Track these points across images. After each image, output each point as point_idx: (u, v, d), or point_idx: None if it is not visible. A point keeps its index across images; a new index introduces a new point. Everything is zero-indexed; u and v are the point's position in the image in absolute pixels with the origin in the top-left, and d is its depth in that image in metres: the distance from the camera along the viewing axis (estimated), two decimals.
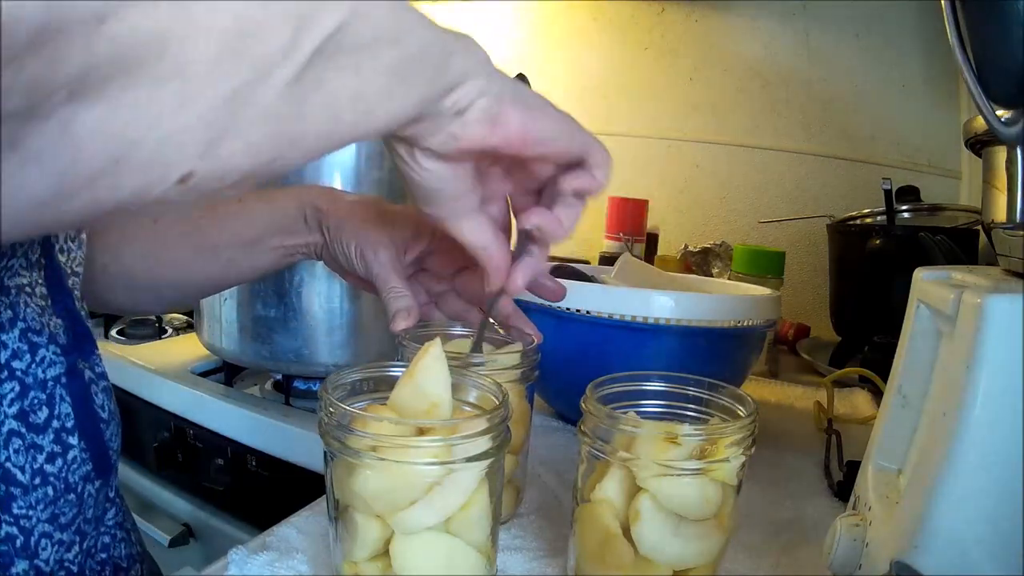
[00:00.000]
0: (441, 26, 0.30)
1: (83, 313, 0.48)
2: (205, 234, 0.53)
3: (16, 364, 0.41)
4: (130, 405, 0.91)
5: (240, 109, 0.23)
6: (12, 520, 0.40)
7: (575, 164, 0.38)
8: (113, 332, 1.06)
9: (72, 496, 0.43)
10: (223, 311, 0.81)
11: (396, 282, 0.47)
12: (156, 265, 0.54)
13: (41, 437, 0.41)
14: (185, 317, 1.15)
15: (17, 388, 0.40)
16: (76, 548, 0.44)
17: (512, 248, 0.42)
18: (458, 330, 0.49)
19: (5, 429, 0.40)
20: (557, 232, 0.40)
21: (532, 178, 0.40)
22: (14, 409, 0.40)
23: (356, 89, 0.27)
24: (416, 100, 0.30)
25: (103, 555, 0.48)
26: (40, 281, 0.44)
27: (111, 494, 0.50)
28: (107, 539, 0.49)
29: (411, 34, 0.28)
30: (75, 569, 0.44)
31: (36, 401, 0.41)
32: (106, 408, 0.48)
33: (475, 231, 0.39)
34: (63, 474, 0.43)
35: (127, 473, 0.94)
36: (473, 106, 0.32)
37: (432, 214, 0.38)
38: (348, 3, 0.25)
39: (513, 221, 0.43)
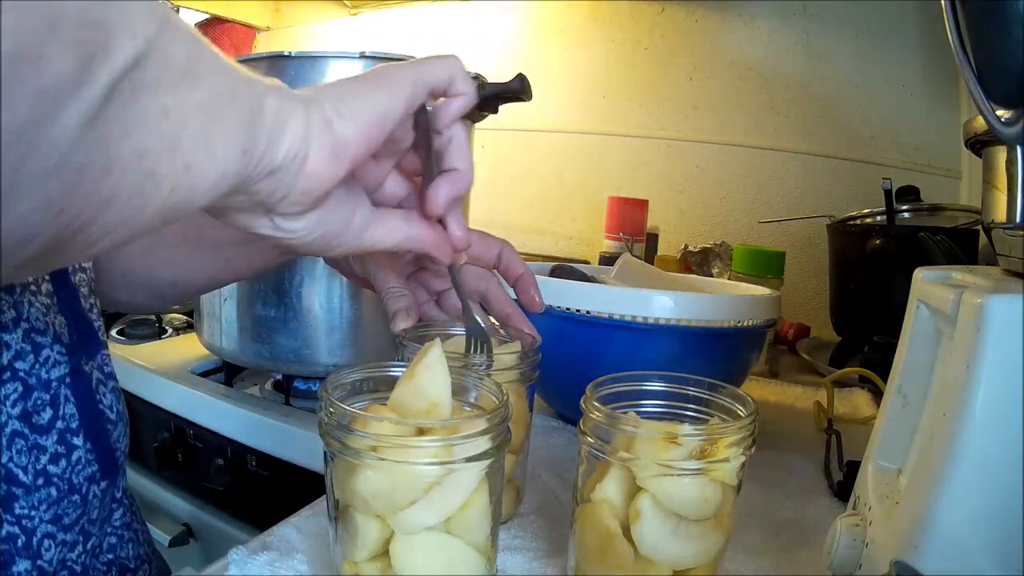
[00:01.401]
0: (239, 65, 0.28)
1: (93, 311, 0.48)
2: (203, 233, 0.52)
3: (19, 364, 0.40)
4: (130, 405, 0.91)
5: (31, 154, 0.20)
6: (14, 520, 0.40)
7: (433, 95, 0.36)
8: (113, 332, 1.06)
9: (76, 497, 0.43)
10: (223, 311, 0.81)
11: (395, 281, 0.47)
12: (155, 264, 0.54)
13: (44, 438, 0.41)
14: (185, 317, 1.15)
15: (20, 389, 0.40)
16: (80, 548, 0.44)
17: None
18: (458, 330, 0.49)
19: (8, 430, 0.40)
20: (466, 180, 0.38)
21: (397, 140, 0.37)
22: (17, 410, 0.40)
23: (167, 134, 0.24)
24: (237, 150, 0.27)
25: (109, 555, 0.48)
26: (45, 278, 0.44)
27: (118, 495, 0.50)
28: (114, 539, 0.49)
29: (216, 72, 0.26)
30: (78, 569, 0.44)
31: (40, 402, 0.41)
32: (114, 409, 0.48)
33: (388, 233, 0.37)
34: (67, 475, 0.42)
35: (127, 473, 0.94)
36: (308, 153, 0.30)
37: (339, 256, 0.37)
38: (142, 34, 0.22)
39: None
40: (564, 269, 0.75)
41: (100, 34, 0.21)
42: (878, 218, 0.92)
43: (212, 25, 1.73)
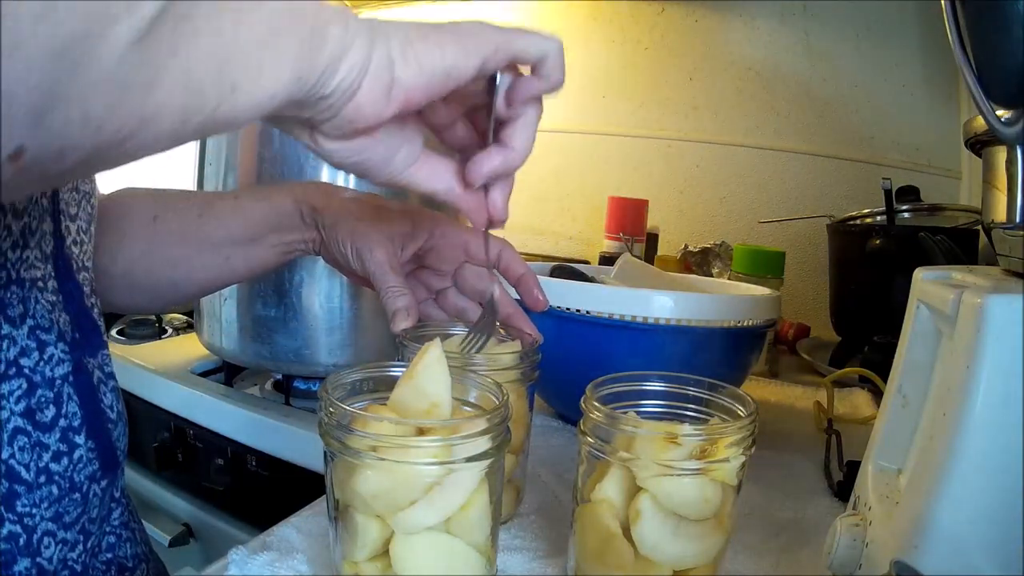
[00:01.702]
0: None
1: (94, 310, 0.48)
2: (203, 233, 0.53)
3: (24, 361, 0.40)
4: (130, 405, 0.91)
5: (74, 70, 0.20)
6: (16, 518, 0.40)
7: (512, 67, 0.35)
8: (113, 332, 1.06)
9: (77, 495, 0.43)
10: (223, 311, 0.81)
11: (394, 281, 0.47)
12: (155, 265, 0.54)
13: (47, 435, 0.41)
14: (185, 317, 1.15)
15: (24, 385, 0.40)
16: (80, 547, 0.44)
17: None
18: (458, 329, 0.49)
19: (11, 426, 0.39)
20: (515, 162, 0.37)
21: (469, 95, 0.36)
22: (21, 407, 0.40)
23: (218, 55, 0.23)
24: (290, 75, 0.27)
25: (108, 555, 0.48)
26: (52, 274, 0.44)
27: (117, 494, 0.50)
28: (112, 539, 0.49)
29: None
30: (79, 568, 0.44)
31: (43, 399, 0.41)
32: (115, 408, 0.48)
33: (430, 178, 0.36)
34: (68, 473, 0.42)
35: (127, 473, 0.94)
36: (361, 85, 0.29)
37: (377, 181, 0.36)
38: None
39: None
40: (564, 269, 0.75)
41: None
42: (878, 218, 0.92)
43: None
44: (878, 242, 0.83)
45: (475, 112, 0.38)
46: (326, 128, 0.31)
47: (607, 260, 1.04)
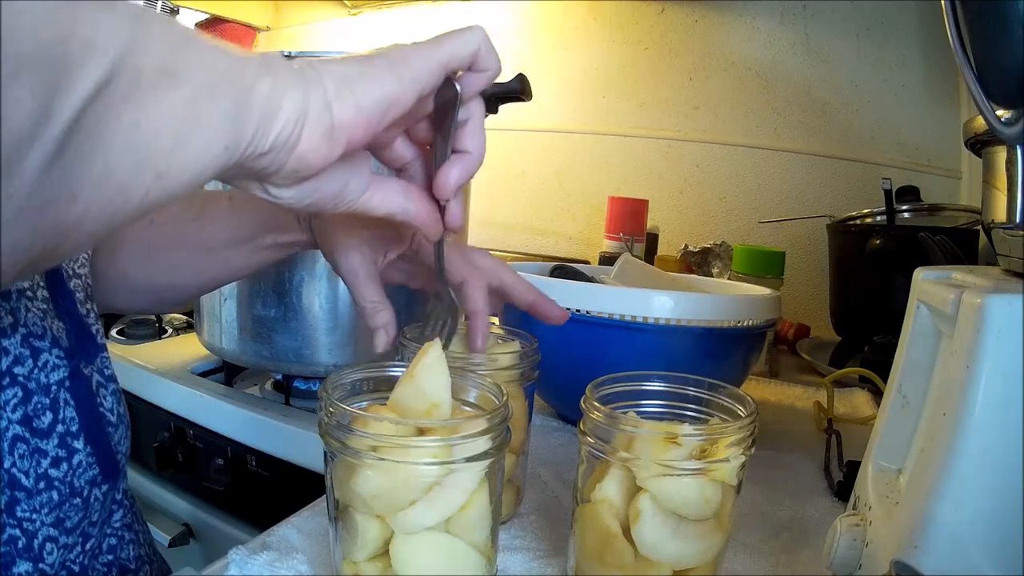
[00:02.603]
0: (235, 50, 0.27)
1: (90, 315, 0.48)
2: (199, 236, 0.52)
3: (18, 369, 0.40)
4: (130, 405, 0.91)
5: None
6: (15, 523, 0.40)
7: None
8: (113, 332, 1.06)
9: (78, 500, 0.43)
10: (223, 311, 0.81)
11: (370, 294, 0.46)
12: (153, 268, 0.54)
13: (45, 442, 0.41)
14: (185, 317, 1.15)
15: (20, 393, 0.40)
16: (78, 549, 0.44)
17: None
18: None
19: (9, 435, 0.39)
20: (475, 165, 0.37)
21: (410, 114, 0.35)
22: (18, 414, 0.40)
23: (137, 151, 0.23)
24: (218, 148, 0.26)
25: (109, 556, 0.48)
26: (41, 284, 0.44)
27: (119, 496, 0.49)
28: (114, 540, 0.49)
29: (198, 67, 0.25)
30: (76, 569, 0.44)
31: (40, 406, 0.41)
32: (115, 412, 0.48)
33: (383, 202, 0.36)
34: (68, 478, 0.42)
35: (127, 473, 0.94)
36: (301, 136, 0.29)
37: (333, 214, 0.36)
38: (111, 51, 0.21)
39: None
40: (564, 269, 0.75)
41: (63, 67, 0.20)
42: (878, 218, 0.92)
43: (212, 25, 1.73)
44: (878, 242, 0.83)
45: (414, 125, 0.38)
46: (273, 180, 0.31)
47: (607, 260, 1.04)
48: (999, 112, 0.32)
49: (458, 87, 0.35)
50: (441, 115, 0.36)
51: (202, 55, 0.25)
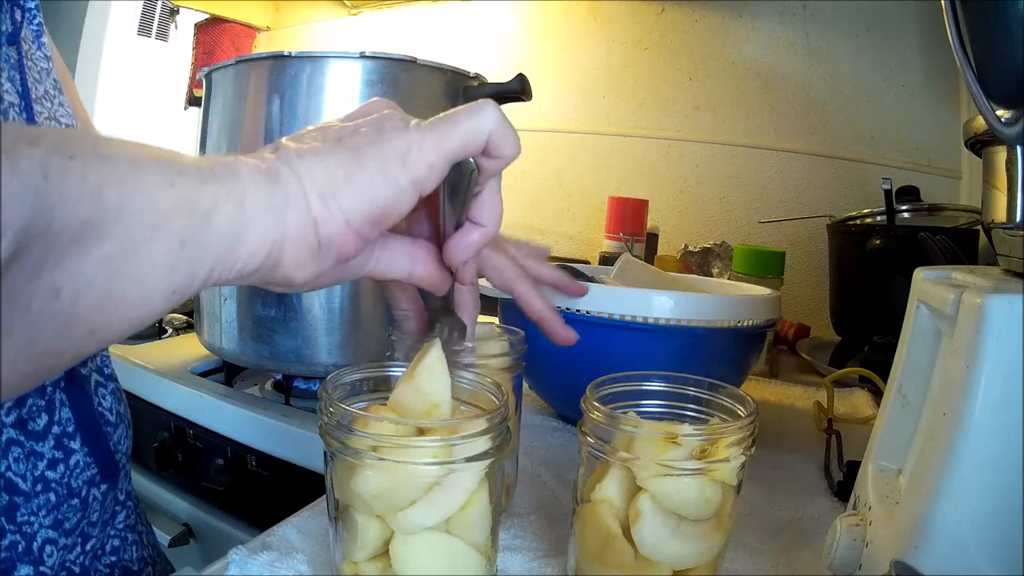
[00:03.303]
0: (193, 169, 0.24)
1: None
2: None
3: None
4: (130, 405, 0.91)
5: None
6: (15, 528, 0.40)
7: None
8: None
9: (76, 501, 0.43)
10: (223, 311, 0.81)
11: (404, 302, 0.44)
12: None
13: (41, 444, 0.41)
14: (185, 317, 1.15)
15: (13, 396, 0.40)
16: (78, 550, 0.44)
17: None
18: None
19: (4, 438, 0.39)
20: (489, 236, 0.35)
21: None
22: (12, 418, 0.40)
23: (60, 313, 0.21)
24: (165, 291, 0.23)
25: (112, 558, 0.48)
26: None
27: (121, 497, 0.49)
28: (117, 542, 0.49)
29: (131, 211, 0.22)
30: (77, 570, 0.44)
31: (34, 408, 0.41)
32: (114, 411, 0.48)
33: (389, 267, 0.34)
34: (65, 479, 0.42)
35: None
36: (282, 258, 0.26)
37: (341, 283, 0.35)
38: (18, 216, 0.19)
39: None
40: (564, 269, 0.75)
41: None
42: (878, 218, 0.92)
43: (212, 25, 1.73)
44: (878, 242, 0.83)
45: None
46: (268, 287, 0.29)
47: (607, 260, 1.04)
48: (999, 112, 0.32)
49: (473, 164, 0.32)
50: (454, 186, 0.33)
51: (141, 192, 0.22)
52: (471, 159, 0.32)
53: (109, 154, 0.22)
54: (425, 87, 0.79)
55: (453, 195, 0.34)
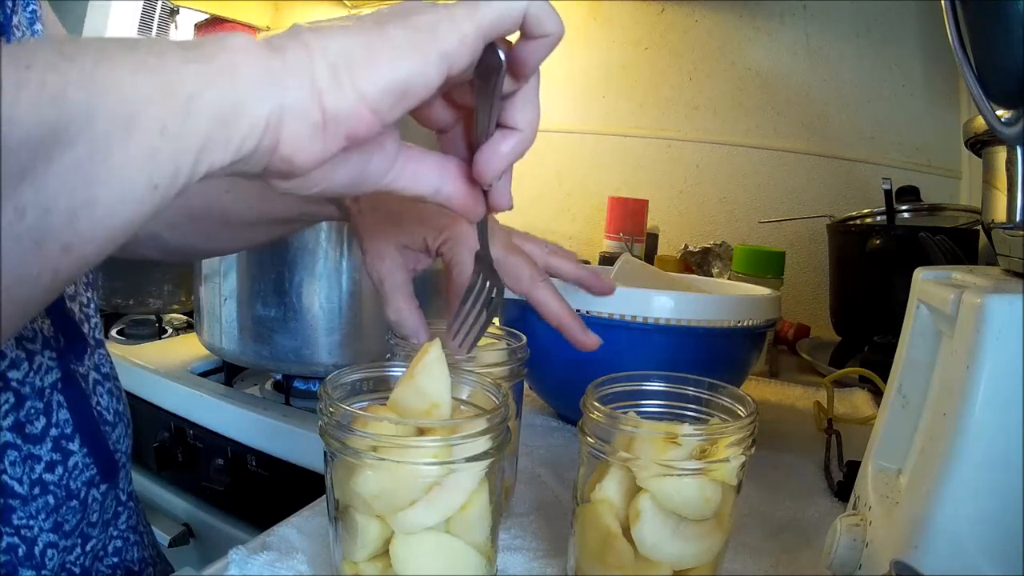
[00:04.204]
0: (176, 51, 0.22)
1: (82, 312, 0.48)
2: (230, 212, 0.51)
3: (13, 374, 0.40)
4: (130, 405, 0.91)
5: None
6: (13, 531, 0.39)
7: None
8: (113, 332, 1.06)
9: (75, 502, 0.43)
10: (223, 311, 0.81)
11: (398, 302, 0.44)
12: (184, 233, 0.53)
13: (39, 447, 0.41)
14: (185, 317, 1.15)
15: (12, 399, 0.39)
16: (78, 551, 0.44)
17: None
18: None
19: (0, 441, 0.39)
20: (525, 145, 0.31)
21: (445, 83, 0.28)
22: (9, 421, 0.39)
23: (24, 235, 0.20)
24: (144, 187, 0.22)
25: (114, 559, 0.48)
26: None
27: (123, 497, 0.49)
28: (119, 543, 0.48)
29: (100, 109, 0.20)
30: (77, 571, 0.44)
31: (32, 411, 0.41)
32: (111, 410, 0.48)
33: (414, 182, 0.31)
34: (64, 481, 0.42)
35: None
36: (280, 137, 0.24)
37: (353, 197, 0.33)
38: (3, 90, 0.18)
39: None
40: None
41: None
42: (878, 218, 0.92)
43: (212, 25, 1.73)
44: (878, 242, 0.83)
45: (453, 88, 0.31)
46: (265, 176, 0.26)
47: (607, 260, 1.04)
48: (999, 112, 0.32)
49: (502, 56, 0.28)
50: (484, 82, 0.29)
51: (111, 86, 0.21)
52: (500, 53, 0.28)
53: (74, 54, 0.20)
54: None
55: (483, 96, 0.30)
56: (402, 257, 0.45)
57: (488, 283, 0.39)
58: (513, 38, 0.29)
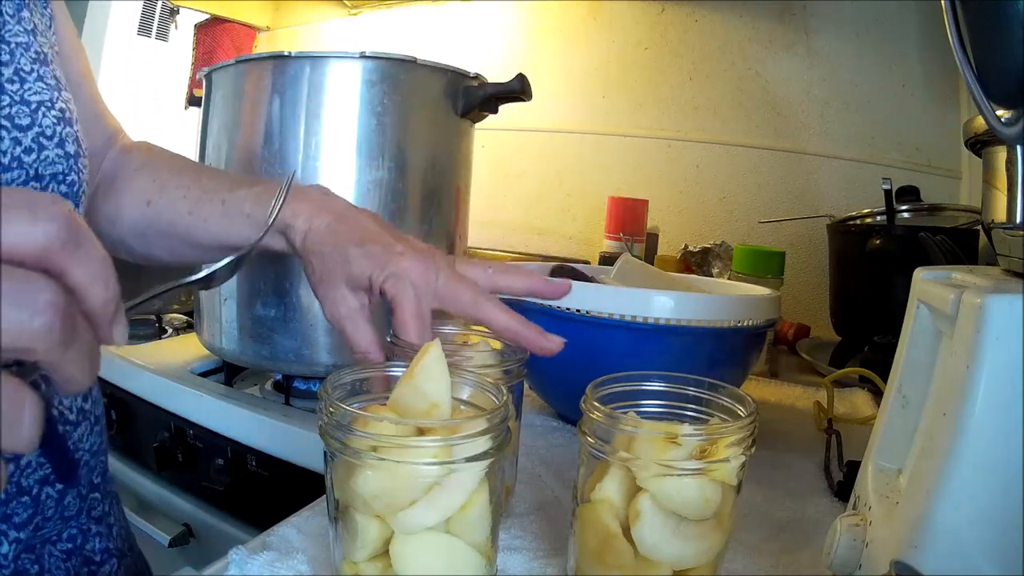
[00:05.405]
0: None
1: None
2: (191, 233, 0.52)
3: None
4: (130, 405, 0.91)
5: None
6: None
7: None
8: None
9: (26, 499, 0.42)
10: (223, 311, 0.81)
11: (361, 341, 0.45)
12: (149, 245, 0.55)
13: None
14: (185, 317, 1.15)
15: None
16: (32, 540, 0.43)
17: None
18: (448, 329, 0.49)
19: None
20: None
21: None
22: None
23: None
24: None
25: (68, 545, 0.47)
26: None
27: (84, 491, 0.48)
28: (75, 531, 0.48)
29: None
30: (32, 557, 0.43)
31: None
32: (75, 408, 0.46)
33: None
34: (15, 478, 0.41)
35: (127, 473, 0.94)
36: None
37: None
38: None
39: None
40: (564, 269, 0.75)
41: None
42: (878, 218, 0.92)
43: (212, 25, 1.73)
44: (878, 242, 0.83)
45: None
46: None
47: (607, 260, 1.04)
48: (999, 112, 0.32)
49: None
50: None
51: None
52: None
53: None
54: (425, 87, 0.79)
55: None
56: (357, 300, 0.46)
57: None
58: None
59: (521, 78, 0.79)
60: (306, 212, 0.47)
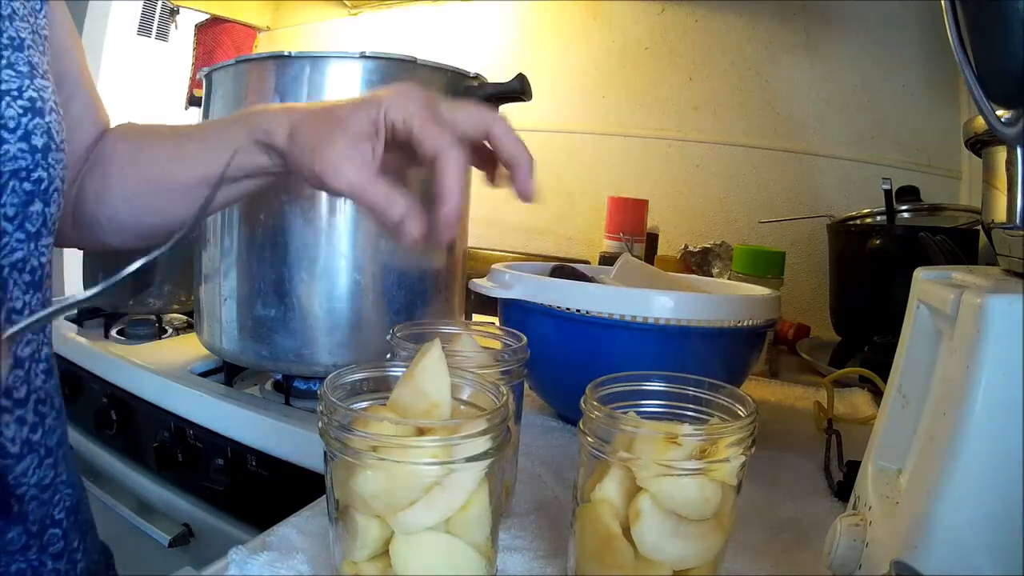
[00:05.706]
0: None
1: None
2: (176, 178, 0.52)
3: None
4: (130, 405, 0.91)
5: None
6: None
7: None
8: (113, 332, 1.06)
9: None
10: (223, 311, 0.81)
11: (374, 193, 0.41)
12: (139, 210, 0.55)
13: None
14: (185, 317, 1.15)
15: None
16: None
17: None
18: (450, 328, 0.49)
19: None
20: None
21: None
22: None
23: None
24: None
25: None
26: None
27: (34, 529, 0.45)
28: (23, 566, 0.44)
29: None
30: None
31: None
32: (18, 440, 0.43)
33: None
34: None
35: (127, 473, 0.94)
36: None
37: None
38: None
39: None
40: (564, 269, 0.75)
41: None
42: (878, 218, 0.92)
43: (212, 25, 1.73)
44: (878, 242, 0.83)
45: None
46: None
47: (607, 260, 1.04)
48: (999, 112, 0.32)
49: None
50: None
51: None
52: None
53: None
54: (425, 87, 0.79)
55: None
56: (360, 154, 0.42)
57: None
58: None
59: (521, 78, 0.79)
60: (283, 112, 0.47)
